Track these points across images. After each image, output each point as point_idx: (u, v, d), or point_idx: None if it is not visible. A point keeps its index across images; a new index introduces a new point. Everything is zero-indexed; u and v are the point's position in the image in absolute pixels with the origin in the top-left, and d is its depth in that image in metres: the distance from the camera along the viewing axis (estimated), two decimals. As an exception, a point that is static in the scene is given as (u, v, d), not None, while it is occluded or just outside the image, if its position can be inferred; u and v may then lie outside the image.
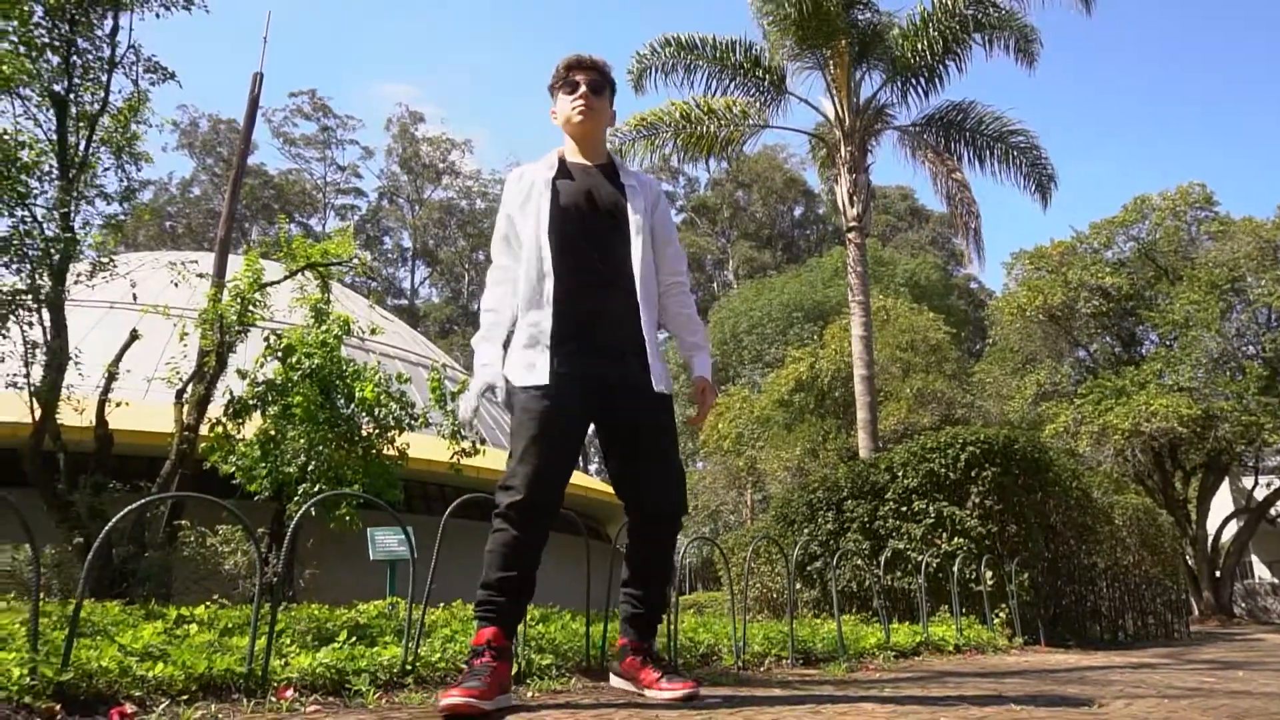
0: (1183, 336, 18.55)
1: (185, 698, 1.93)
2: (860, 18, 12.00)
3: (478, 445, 8.48)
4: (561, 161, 2.48)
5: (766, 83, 12.40)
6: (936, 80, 12.09)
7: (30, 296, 6.69)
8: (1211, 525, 20.98)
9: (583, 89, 2.46)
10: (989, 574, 5.79)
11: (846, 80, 12.12)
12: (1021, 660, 4.42)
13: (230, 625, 2.86)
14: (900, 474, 6.60)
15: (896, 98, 12.52)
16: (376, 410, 7.87)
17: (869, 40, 12.04)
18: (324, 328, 7.99)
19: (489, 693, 1.94)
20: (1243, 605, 24.32)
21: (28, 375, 6.78)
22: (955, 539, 6.07)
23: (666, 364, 2.46)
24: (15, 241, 6.59)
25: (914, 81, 12.23)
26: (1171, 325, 18.85)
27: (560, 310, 2.27)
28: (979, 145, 12.57)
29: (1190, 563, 18.91)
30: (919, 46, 11.69)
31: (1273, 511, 21.55)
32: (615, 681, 2.47)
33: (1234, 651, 6.05)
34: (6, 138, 6.64)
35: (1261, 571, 26.84)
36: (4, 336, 6.76)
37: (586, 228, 2.36)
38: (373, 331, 8.70)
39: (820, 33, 11.52)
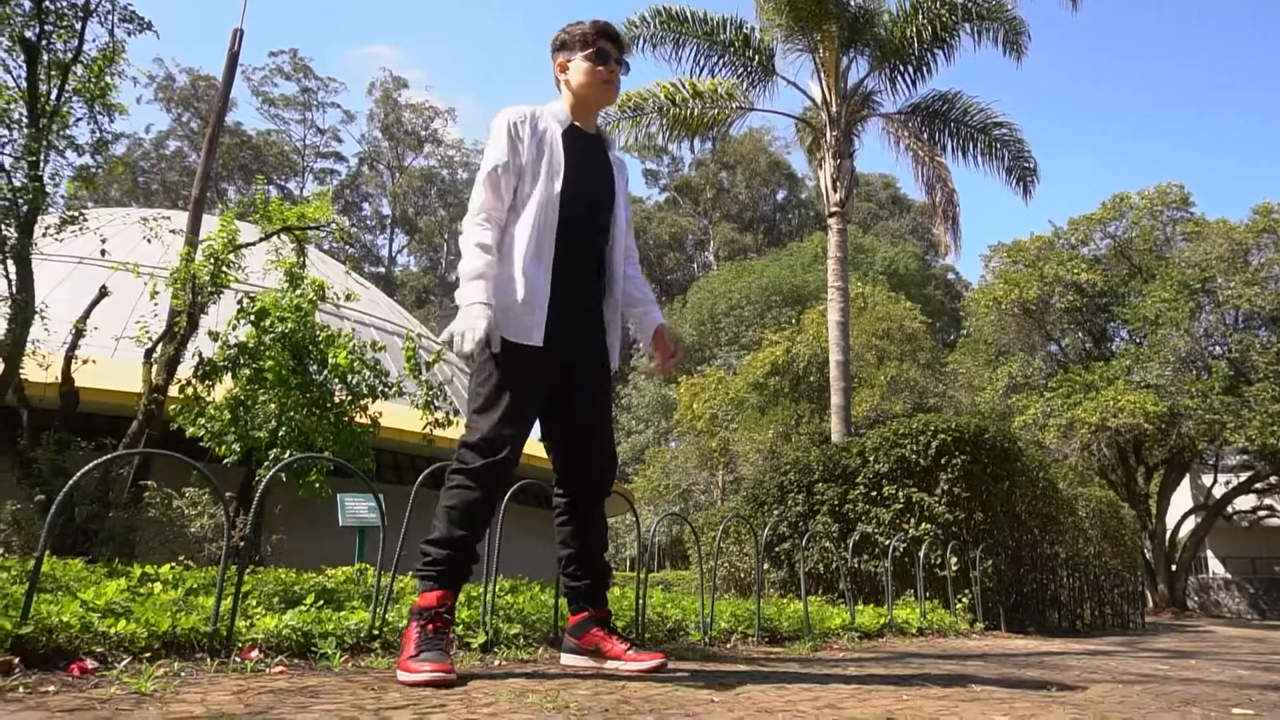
0: (1152, 334, 18.85)
1: (148, 655, 1.91)
2: (851, 1, 11.96)
3: (451, 416, 8.44)
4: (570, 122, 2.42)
5: (755, 63, 12.34)
6: (924, 69, 12.11)
7: (-4, 247, 6.53)
8: (1170, 520, 21.45)
9: (613, 62, 2.42)
10: (954, 560, 5.88)
11: (835, 64, 12.09)
12: (982, 644, 4.50)
13: (195, 586, 2.83)
14: (872, 459, 6.67)
15: (884, 85, 12.54)
16: (349, 377, 7.80)
17: (859, 24, 12.01)
18: (298, 292, 7.88)
19: (452, 662, 1.94)
20: (1196, 599, 24.94)
21: (-9, 328, 6.63)
22: (923, 524, 6.16)
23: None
24: (-19, 191, 6.43)
25: (901, 69, 12.23)
26: (1142, 322, 19.14)
27: (556, 272, 2.25)
28: (963, 136, 12.63)
29: (1148, 556, 19.34)
30: (908, 33, 11.68)
31: (1230, 509, 22.09)
32: (569, 659, 2.37)
33: (1186, 642, 6.20)
34: (-25, 83, 6.45)
35: (1216, 567, 27.54)
36: (-32, 288, 6.60)
37: (585, 196, 2.35)
38: (348, 298, 8.60)
39: (811, 12, 11.47)
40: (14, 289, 6.61)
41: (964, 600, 5.86)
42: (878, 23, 11.99)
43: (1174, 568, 20.50)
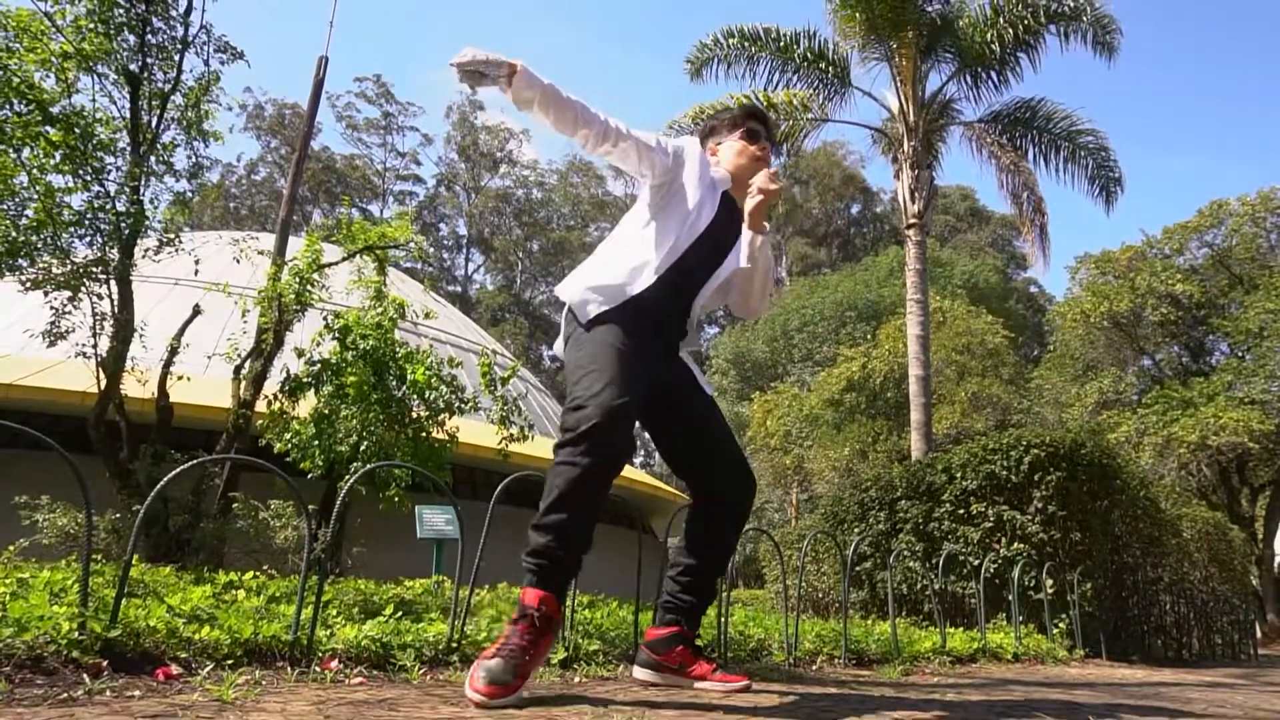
0: (1256, 347, 17.79)
1: (230, 662, 1.91)
2: (929, 8, 11.70)
3: (525, 431, 8.47)
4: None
5: (830, 75, 12.17)
6: (1008, 73, 11.75)
7: (100, 269, 6.86)
8: (1279, 545, 20.14)
9: (763, 140, 2.44)
10: (1049, 582, 5.57)
11: (913, 73, 11.83)
12: (1085, 672, 4.23)
13: (278, 594, 2.85)
14: (958, 475, 6.40)
15: (965, 92, 12.22)
16: (427, 393, 7.91)
17: (938, 30, 11.74)
18: (380, 310, 8.05)
19: (516, 686, 1.75)
20: (1310, 630, 23.28)
21: (95, 345, 6.95)
22: (1015, 544, 5.86)
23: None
24: (89, 215, 6.77)
25: (984, 75, 11.90)
26: (1245, 335, 18.10)
27: (660, 287, 2.21)
28: (1045, 144, 12.22)
29: (1255, 583, 18.16)
30: (989, 37, 11.35)
31: (1347, 534, 20.57)
32: (643, 673, 2.28)
33: (1311, 676, 5.72)
34: (85, 114, 6.81)
35: (1332, 596, 25.63)
36: (75, 307, 6.94)
37: (707, 257, 2.31)
38: (426, 316, 8.75)
39: (888, 21, 11.26)
40: (116, 308, 6.93)
41: (1061, 625, 5.54)
42: (958, 28, 11.70)
43: (1286, 596, 19.21)
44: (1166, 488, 16.25)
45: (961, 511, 6.29)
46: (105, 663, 1.69)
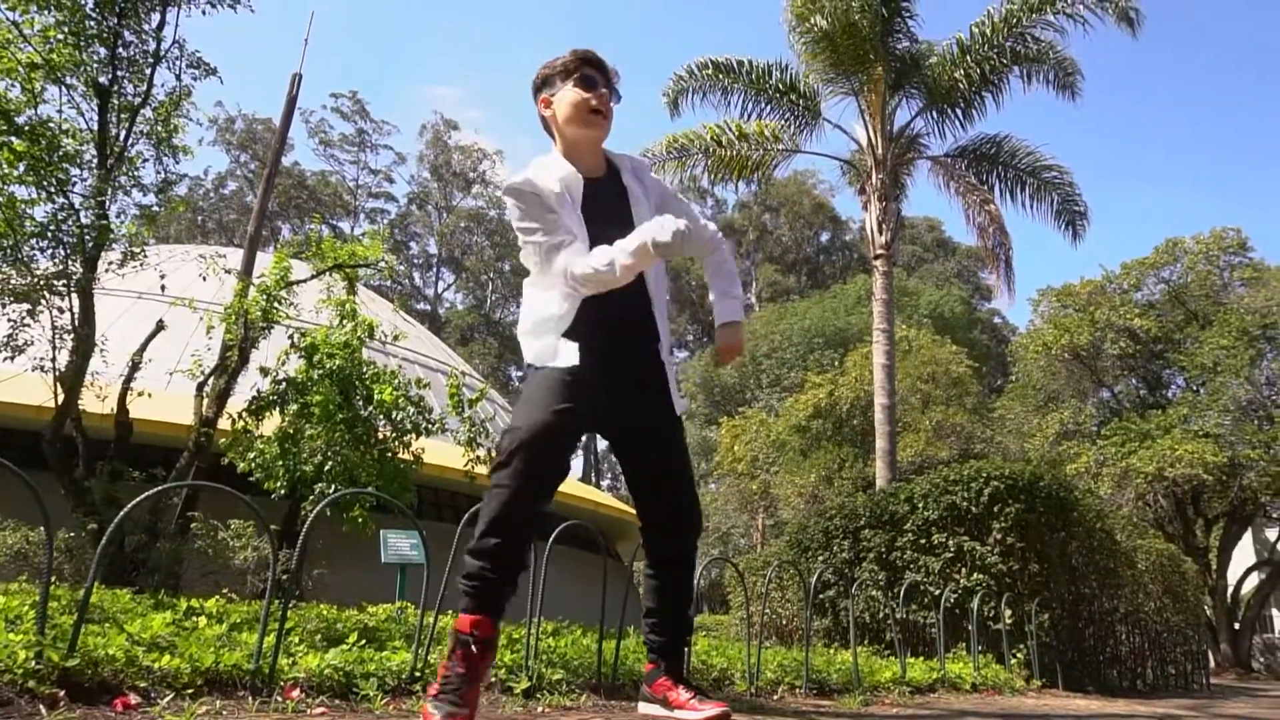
0: (1210, 382, 18.26)
1: (191, 691, 1.89)
2: (898, 46, 11.98)
3: (492, 453, 8.44)
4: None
5: (801, 107, 12.38)
6: (973, 111, 12.04)
7: (62, 281, 6.75)
8: (1232, 576, 20.56)
9: (602, 89, 2.25)
10: (1008, 612, 5.66)
11: (881, 107, 12.08)
12: (1042, 703, 4.30)
13: (239, 620, 2.82)
14: (920, 505, 6.49)
15: (932, 127, 12.48)
16: (394, 413, 7.86)
17: (906, 68, 12.01)
18: (348, 329, 8.01)
19: (467, 715, 1.83)
20: (1261, 660, 23.74)
21: (54, 359, 6.83)
22: (975, 574, 5.95)
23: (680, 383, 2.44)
24: (52, 227, 6.67)
25: (950, 111, 12.18)
26: (1200, 370, 18.58)
27: (590, 313, 2.19)
28: (1010, 179, 12.50)
29: (1209, 613, 18.52)
30: (955, 76, 11.65)
31: (1297, 565, 21.08)
32: (644, 708, 2.35)
33: (1262, 708, 5.86)
34: (51, 125, 6.73)
35: (1283, 626, 26.21)
36: (34, 319, 6.82)
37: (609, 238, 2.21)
38: (396, 337, 8.72)
39: (854, 58, 11.51)
40: (76, 322, 6.82)
41: (1019, 655, 5.62)
42: (925, 66, 11.98)
43: (1237, 626, 19.59)
44: (1124, 518, 16.59)
45: (923, 541, 6.37)
46: (62, 693, 1.67)
